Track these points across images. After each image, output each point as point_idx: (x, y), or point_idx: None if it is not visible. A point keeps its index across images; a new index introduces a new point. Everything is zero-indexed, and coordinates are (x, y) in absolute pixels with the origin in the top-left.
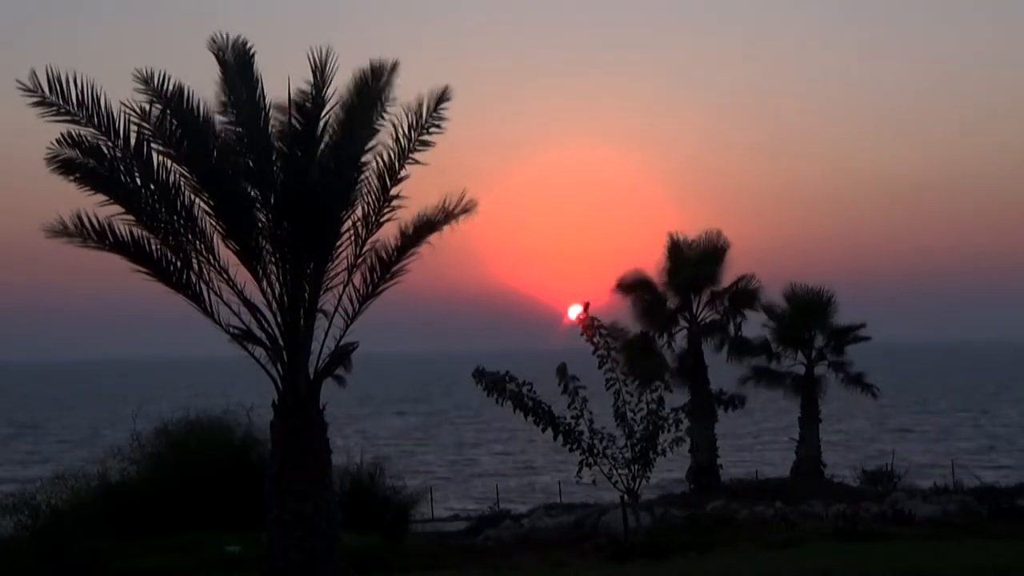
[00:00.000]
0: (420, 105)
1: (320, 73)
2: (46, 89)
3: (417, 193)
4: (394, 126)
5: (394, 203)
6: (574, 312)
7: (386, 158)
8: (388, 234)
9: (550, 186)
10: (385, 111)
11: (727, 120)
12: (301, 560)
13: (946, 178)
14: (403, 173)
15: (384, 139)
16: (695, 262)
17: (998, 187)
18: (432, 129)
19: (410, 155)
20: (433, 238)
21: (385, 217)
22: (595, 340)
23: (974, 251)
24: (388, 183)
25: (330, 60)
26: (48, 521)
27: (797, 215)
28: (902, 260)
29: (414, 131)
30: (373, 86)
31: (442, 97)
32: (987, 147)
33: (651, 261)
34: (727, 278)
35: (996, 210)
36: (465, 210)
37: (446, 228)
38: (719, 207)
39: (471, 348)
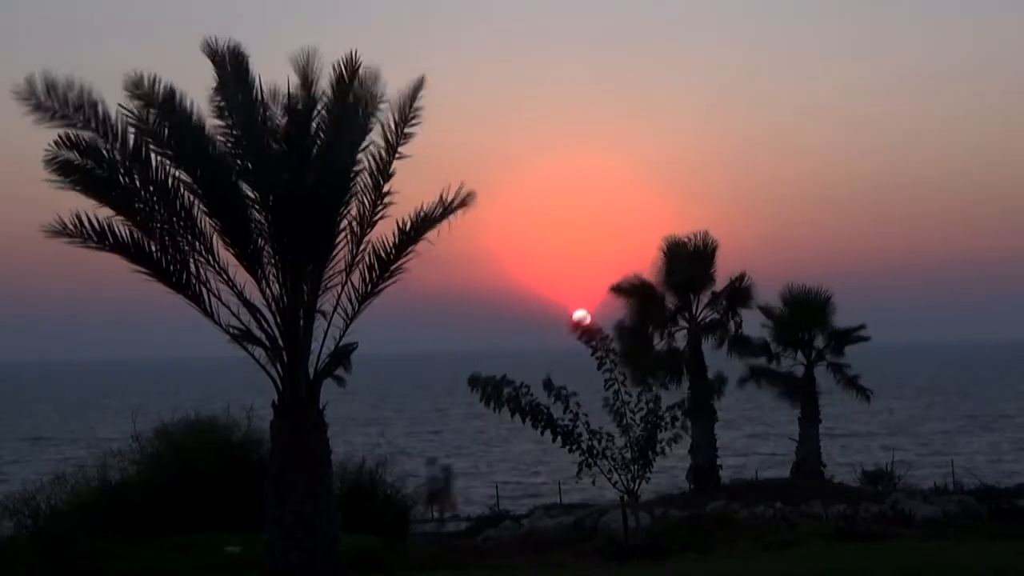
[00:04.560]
0: (402, 99)
1: (306, 75)
2: (42, 94)
3: (425, 192)
4: (382, 124)
5: (387, 200)
6: (577, 315)
7: (377, 155)
8: (387, 232)
9: (557, 189)
10: (377, 110)
11: (725, 121)
12: (301, 561)
13: (936, 178)
14: (393, 169)
15: (375, 135)
16: (690, 262)
17: (992, 187)
18: (412, 121)
19: (397, 150)
20: (433, 236)
21: (379, 215)
22: (593, 344)
23: (966, 252)
24: (380, 180)
25: (314, 62)
26: (48, 521)
27: (789, 215)
28: (893, 260)
29: (399, 126)
30: (361, 85)
31: (417, 87)
32: (983, 146)
33: (649, 259)
34: (719, 276)
35: (989, 210)
36: (463, 203)
37: (445, 223)
38: (715, 206)
39: (475, 347)
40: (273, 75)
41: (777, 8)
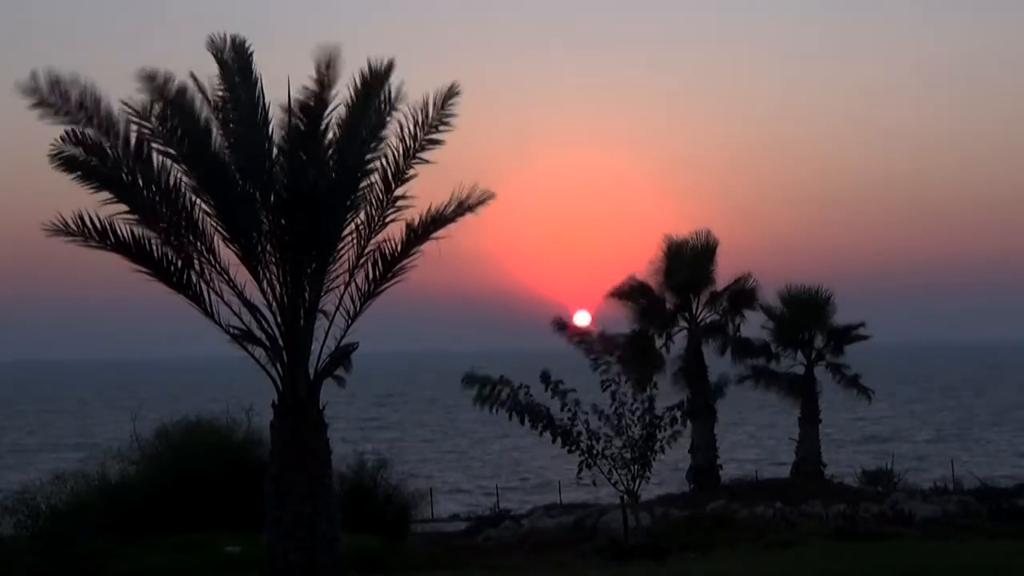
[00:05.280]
0: (427, 103)
1: (325, 71)
2: (46, 90)
3: (423, 192)
4: (400, 126)
5: (399, 204)
6: (578, 319)
7: (391, 159)
8: (393, 231)
9: (557, 186)
10: (391, 111)
11: (725, 122)
12: (301, 561)
13: (935, 178)
14: (410, 173)
15: (390, 139)
16: (691, 262)
17: (993, 186)
18: (441, 127)
19: (417, 155)
20: (441, 236)
21: (390, 218)
22: (586, 348)
23: (966, 252)
24: (393, 184)
25: (335, 59)
26: (48, 521)
27: (789, 215)
28: (893, 260)
29: (421, 130)
30: (377, 86)
31: (450, 93)
32: (984, 146)
33: (649, 260)
34: (720, 277)
35: (990, 210)
36: (481, 201)
37: (458, 222)
38: (715, 206)
39: (475, 348)
40: (274, 76)
41: (778, 8)
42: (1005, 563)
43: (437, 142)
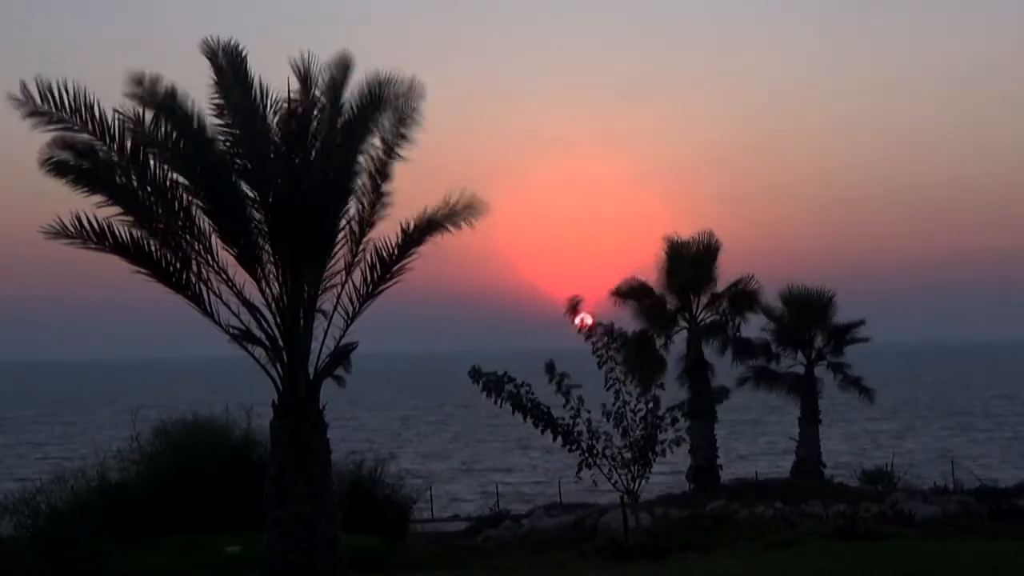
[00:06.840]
0: (399, 103)
1: (306, 78)
2: (37, 99)
3: (434, 192)
4: (381, 126)
5: (386, 201)
6: (575, 315)
7: (375, 157)
8: (390, 233)
9: (564, 188)
10: (378, 113)
11: (727, 123)
12: (301, 561)
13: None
14: (391, 170)
15: (374, 137)
16: (692, 263)
17: (994, 187)
18: (410, 124)
19: (395, 152)
20: (438, 238)
21: (378, 215)
22: (594, 341)
23: (968, 252)
24: (379, 181)
25: (313, 65)
26: (48, 521)
27: (790, 215)
28: (895, 260)
29: (397, 129)
30: (360, 88)
31: (414, 91)
32: (987, 147)
33: (651, 260)
34: (721, 278)
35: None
36: (470, 210)
37: (451, 228)
38: (716, 207)
39: (478, 348)
40: (273, 77)
41: (776, 10)
42: (1005, 563)
43: (409, 138)
